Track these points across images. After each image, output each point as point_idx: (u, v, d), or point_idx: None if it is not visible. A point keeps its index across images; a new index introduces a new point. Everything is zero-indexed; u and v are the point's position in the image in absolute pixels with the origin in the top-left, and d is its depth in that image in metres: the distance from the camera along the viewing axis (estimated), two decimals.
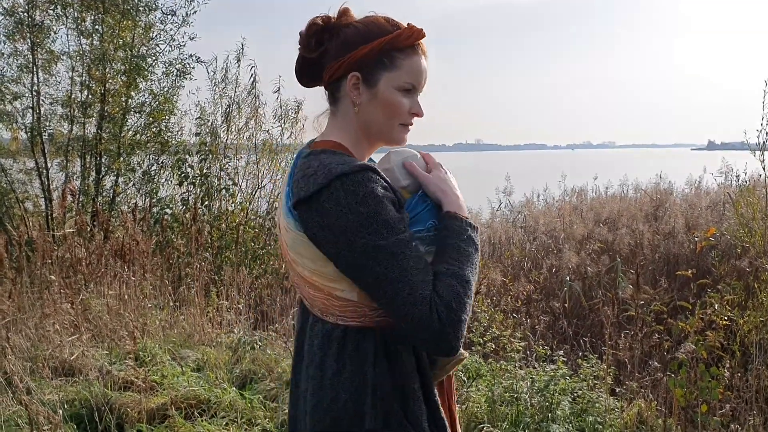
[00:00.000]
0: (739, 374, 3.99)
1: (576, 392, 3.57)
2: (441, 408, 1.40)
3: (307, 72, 1.47)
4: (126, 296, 4.93)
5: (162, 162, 8.58)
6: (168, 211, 7.52)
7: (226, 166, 7.55)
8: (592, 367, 3.81)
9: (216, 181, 7.41)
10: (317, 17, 1.41)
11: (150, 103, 8.57)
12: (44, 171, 8.00)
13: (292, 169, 1.38)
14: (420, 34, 1.40)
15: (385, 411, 1.32)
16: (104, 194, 8.38)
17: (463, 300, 1.26)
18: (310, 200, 1.28)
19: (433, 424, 1.37)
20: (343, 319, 1.33)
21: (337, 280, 1.33)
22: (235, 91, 7.83)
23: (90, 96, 8.21)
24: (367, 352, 1.33)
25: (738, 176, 9.12)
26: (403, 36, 1.38)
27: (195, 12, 8.56)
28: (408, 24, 1.41)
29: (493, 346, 4.27)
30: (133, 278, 5.13)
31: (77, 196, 7.59)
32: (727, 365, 3.97)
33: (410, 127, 1.45)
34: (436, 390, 1.41)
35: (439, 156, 1.52)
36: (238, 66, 7.80)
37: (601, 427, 3.35)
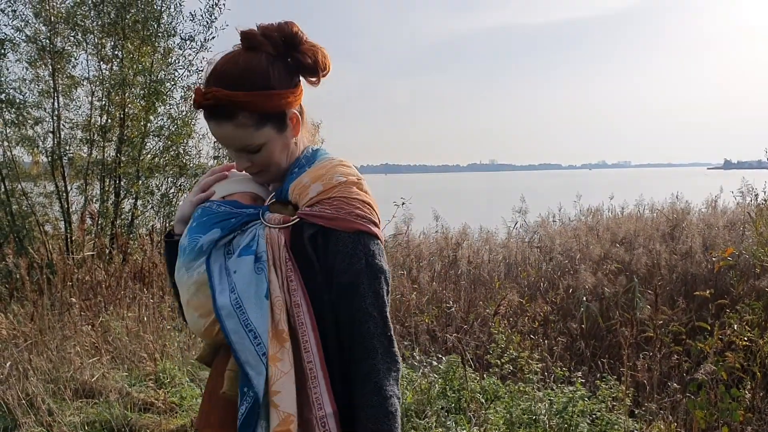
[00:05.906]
0: (761, 395, 3.95)
1: (595, 414, 3.55)
2: None
3: None
4: (145, 318, 4.98)
5: (180, 185, 8.68)
6: None
7: None
8: (611, 388, 3.79)
9: None
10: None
11: (168, 126, 8.68)
12: (64, 194, 8.11)
13: None
14: (194, 101, 1.37)
15: None
16: (123, 217, 8.47)
17: None
18: None
19: None
20: None
21: None
22: None
23: (109, 120, 8.32)
24: None
25: (757, 195, 9.02)
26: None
27: (213, 38, 8.70)
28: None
29: (511, 368, 4.26)
30: (151, 300, 5.18)
31: (96, 218, 7.68)
32: (748, 386, 3.93)
33: (256, 172, 1.44)
34: None
35: (453, 176, 1.54)
36: None
37: None
